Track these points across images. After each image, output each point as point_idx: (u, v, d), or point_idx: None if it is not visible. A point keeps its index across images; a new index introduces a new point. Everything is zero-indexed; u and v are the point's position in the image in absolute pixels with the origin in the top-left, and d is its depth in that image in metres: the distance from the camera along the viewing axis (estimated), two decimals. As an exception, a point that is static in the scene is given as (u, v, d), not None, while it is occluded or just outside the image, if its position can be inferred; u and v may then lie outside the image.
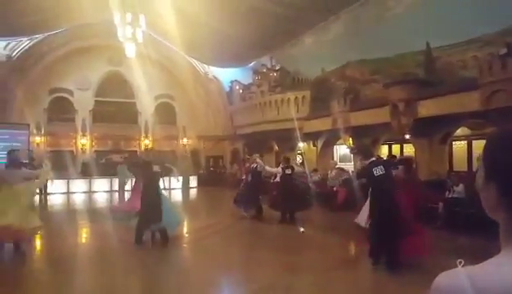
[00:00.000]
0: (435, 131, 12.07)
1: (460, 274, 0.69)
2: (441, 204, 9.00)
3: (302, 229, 8.54)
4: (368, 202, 6.50)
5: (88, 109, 21.22)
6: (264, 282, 5.17)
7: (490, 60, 9.41)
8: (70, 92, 20.92)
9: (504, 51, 9.27)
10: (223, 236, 8.55)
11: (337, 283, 5.15)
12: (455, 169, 13.42)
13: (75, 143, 20.93)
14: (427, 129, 11.79)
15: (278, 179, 10.39)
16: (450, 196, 9.16)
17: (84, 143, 20.91)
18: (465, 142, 13.80)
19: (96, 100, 21.46)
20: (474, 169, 12.14)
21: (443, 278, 0.73)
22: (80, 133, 20.89)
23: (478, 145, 12.91)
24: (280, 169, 10.16)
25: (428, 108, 10.96)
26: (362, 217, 6.98)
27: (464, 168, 13.43)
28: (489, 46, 10.36)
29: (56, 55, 19.81)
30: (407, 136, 12.73)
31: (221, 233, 8.73)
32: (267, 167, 10.72)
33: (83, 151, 20.87)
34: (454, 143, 13.88)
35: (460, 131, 12.86)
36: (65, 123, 20.79)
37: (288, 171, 9.85)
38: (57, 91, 20.69)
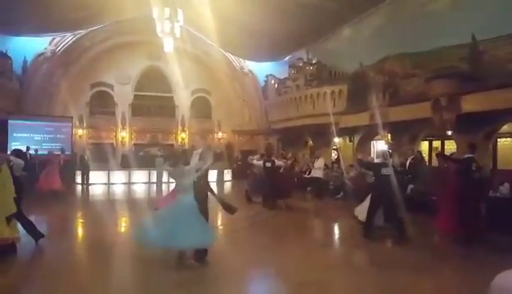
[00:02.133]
0: (479, 127, 11.51)
1: None
2: (483, 205, 8.63)
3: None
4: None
5: (128, 103, 21.91)
6: (303, 277, 5.18)
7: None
8: (111, 86, 21.68)
9: (557, 42, 8.68)
10: (257, 228, 8.63)
11: (371, 279, 5.08)
12: (499, 167, 12.76)
13: (115, 136, 21.69)
14: (470, 125, 11.27)
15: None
16: (494, 195, 8.75)
17: (124, 136, 21.64)
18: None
19: (135, 95, 22.13)
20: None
21: (503, 279, 0.70)
22: (120, 126, 21.61)
23: (526, 143, 12.22)
24: (261, 162, 11.53)
25: (472, 103, 10.48)
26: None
27: (510, 167, 12.72)
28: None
29: (97, 50, 20.55)
30: (449, 132, 12.22)
31: (256, 226, 8.82)
32: (255, 161, 12.06)
33: (123, 144, 21.59)
34: (499, 140, 13.18)
35: (506, 128, 12.19)
36: (106, 116, 21.59)
37: (268, 165, 11.20)
38: (99, 85, 21.50)
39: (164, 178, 16.65)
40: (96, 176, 17.70)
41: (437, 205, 7.80)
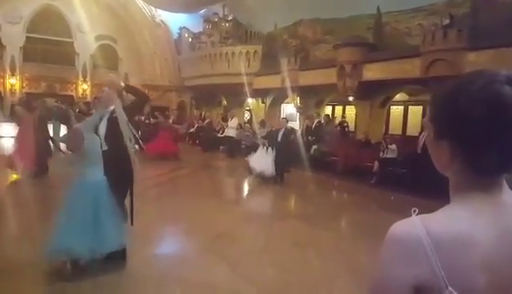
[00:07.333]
0: (377, 94, 12.63)
1: (415, 222, 0.70)
2: (376, 163, 9.67)
3: None
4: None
5: (19, 46, 19.16)
6: (216, 230, 5.30)
7: (433, 29, 9.84)
8: (-3, 25, 18.71)
9: (447, 21, 9.72)
10: (171, 185, 8.56)
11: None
12: (390, 132, 14.22)
13: (3, 83, 19.00)
14: (369, 92, 12.29)
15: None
16: (384, 156, 9.82)
17: (14, 83, 19.09)
18: (402, 107, 14.55)
19: (27, 36, 19.41)
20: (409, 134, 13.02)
21: (399, 227, 0.74)
22: (9, 72, 18.96)
23: (414, 111, 13.74)
24: None
25: (372, 71, 11.37)
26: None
27: (399, 132, 14.26)
28: (434, 16, 10.77)
29: (-22, -20, 17.43)
30: (350, 98, 13.17)
31: (169, 183, 8.74)
32: None
33: (13, 92, 19.08)
34: (392, 107, 14.60)
35: (398, 96, 13.53)
36: (-9, 60, 18.73)
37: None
38: (-19, 22, 18.36)
39: (62, 132, 15.26)
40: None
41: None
